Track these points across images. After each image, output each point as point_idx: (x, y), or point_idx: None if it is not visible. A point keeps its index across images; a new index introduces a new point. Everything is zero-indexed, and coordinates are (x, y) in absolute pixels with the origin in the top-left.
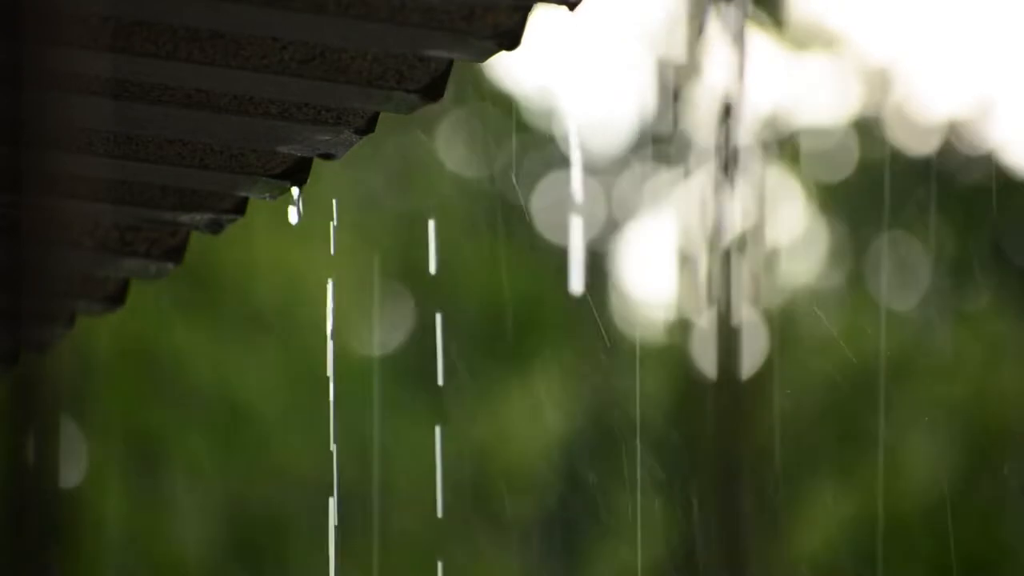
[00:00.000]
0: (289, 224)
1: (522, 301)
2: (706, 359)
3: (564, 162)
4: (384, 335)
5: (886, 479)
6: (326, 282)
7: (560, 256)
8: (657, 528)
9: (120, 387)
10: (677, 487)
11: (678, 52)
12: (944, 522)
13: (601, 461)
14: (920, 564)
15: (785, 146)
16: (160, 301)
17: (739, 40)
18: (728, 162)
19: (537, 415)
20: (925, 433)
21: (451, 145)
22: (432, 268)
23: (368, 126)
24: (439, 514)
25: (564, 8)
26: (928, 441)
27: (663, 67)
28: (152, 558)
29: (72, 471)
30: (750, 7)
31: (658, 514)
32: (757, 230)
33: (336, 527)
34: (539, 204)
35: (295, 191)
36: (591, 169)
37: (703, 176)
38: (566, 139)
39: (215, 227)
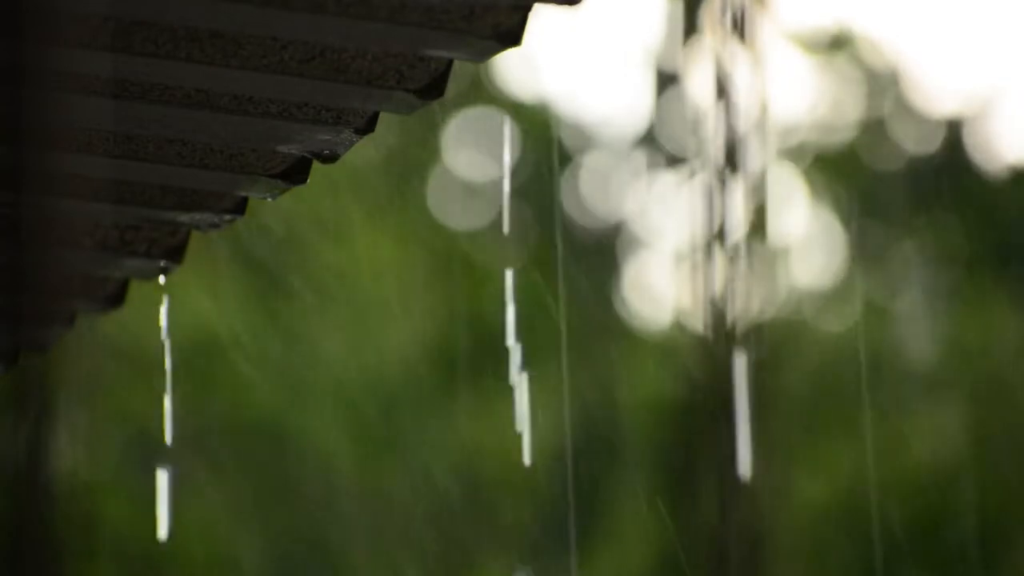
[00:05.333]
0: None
1: (524, 300)
2: (706, 359)
3: (566, 162)
4: (386, 334)
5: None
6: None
7: (561, 256)
8: (656, 529)
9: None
10: (676, 488)
11: (681, 51)
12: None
13: (600, 461)
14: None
15: (789, 145)
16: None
17: (742, 39)
18: (731, 162)
19: (537, 414)
20: (927, 431)
21: (452, 146)
22: (432, 268)
23: (368, 126)
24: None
25: (565, 6)
26: (930, 440)
27: (666, 65)
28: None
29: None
30: (753, 5)
31: (657, 515)
32: (760, 230)
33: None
34: (540, 205)
35: None
36: (593, 169)
37: (707, 176)
38: (568, 139)
39: (215, 227)
